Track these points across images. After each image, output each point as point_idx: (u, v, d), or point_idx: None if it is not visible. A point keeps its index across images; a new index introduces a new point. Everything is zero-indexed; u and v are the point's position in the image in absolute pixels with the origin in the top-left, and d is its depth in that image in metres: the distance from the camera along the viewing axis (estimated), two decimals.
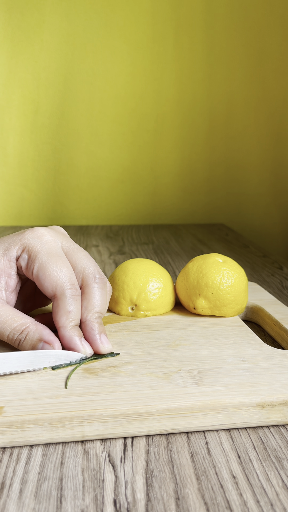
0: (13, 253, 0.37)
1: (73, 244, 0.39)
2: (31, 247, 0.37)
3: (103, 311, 0.38)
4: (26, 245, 0.37)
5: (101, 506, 0.25)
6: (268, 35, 1.13)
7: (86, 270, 0.38)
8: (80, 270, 0.38)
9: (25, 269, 0.37)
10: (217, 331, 0.42)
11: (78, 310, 0.36)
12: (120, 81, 1.12)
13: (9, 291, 0.38)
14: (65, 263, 0.37)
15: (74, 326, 0.36)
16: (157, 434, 0.31)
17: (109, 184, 1.17)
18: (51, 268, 0.36)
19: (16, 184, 1.13)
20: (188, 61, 1.12)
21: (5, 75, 1.08)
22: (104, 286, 0.38)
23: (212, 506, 0.25)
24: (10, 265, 0.37)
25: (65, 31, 1.08)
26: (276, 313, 0.47)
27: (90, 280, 0.37)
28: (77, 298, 0.36)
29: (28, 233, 0.38)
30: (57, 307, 0.36)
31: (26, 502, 0.25)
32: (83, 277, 0.38)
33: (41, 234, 0.38)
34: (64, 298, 0.36)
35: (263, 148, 1.19)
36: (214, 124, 1.17)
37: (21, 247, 0.37)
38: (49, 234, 0.38)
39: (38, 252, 0.36)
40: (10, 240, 0.38)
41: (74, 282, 0.36)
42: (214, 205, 1.21)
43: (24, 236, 0.37)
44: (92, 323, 0.37)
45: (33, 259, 0.36)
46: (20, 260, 0.37)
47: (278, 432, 0.31)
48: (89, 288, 0.37)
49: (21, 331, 0.35)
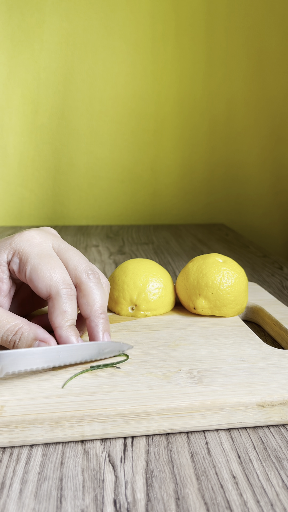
0: (3, 257, 0.37)
1: (63, 243, 0.39)
2: (21, 250, 0.37)
3: (105, 304, 0.38)
4: (16, 249, 0.37)
5: (101, 506, 0.25)
6: (268, 35, 1.13)
7: (78, 268, 0.37)
8: (72, 268, 0.38)
9: (17, 273, 0.37)
10: (217, 331, 0.42)
11: (74, 310, 0.36)
12: (120, 81, 1.12)
13: (2, 296, 0.38)
14: (57, 263, 0.37)
15: (71, 325, 0.36)
16: (157, 434, 0.31)
17: (109, 184, 1.17)
18: (44, 269, 0.36)
19: (16, 184, 1.13)
20: (188, 61, 1.12)
21: (5, 75, 1.08)
22: (99, 281, 0.38)
23: (212, 506, 0.25)
24: (2, 269, 0.37)
25: (65, 31, 1.08)
26: (276, 313, 0.47)
27: (83, 276, 0.37)
28: (72, 297, 0.36)
29: (17, 237, 0.38)
30: (52, 307, 0.36)
31: (26, 502, 0.25)
32: (76, 275, 0.37)
33: (30, 237, 0.38)
34: (59, 298, 0.35)
35: (263, 148, 1.19)
36: (214, 124, 1.17)
37: (11, 251, 0.37)
38: (39, 235, 0.38)
39: (29, 255, 0.36)
40: (0, 245, 0.37)
41: (69, 281, 0.36)
42: (214, 205, 1.21)
43: (13, 240, 0.37)
44: (97, 319, 0.37)
45: (24, 262, 0.36)
46: (11, 264, 0.37)
47: (278, 432, 0.31)
48: (84, 285, 0.37)
49: (14, 332, 0.34)
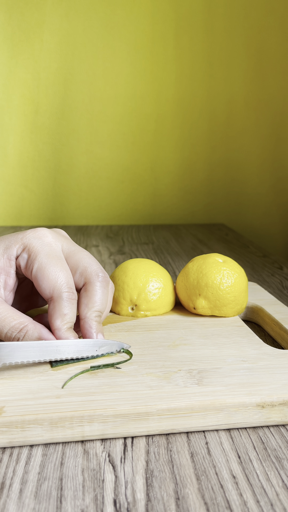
0: (13, 251, 0.37)
1: (74, 245, 0.39)
2: (32, 247, 0.37)
3: (103, 309, 0.38)
4: (27, 245, 0.37)
5: (101, 506, 0.25)
6: (268, 35, 1.13)
7: (88, 269, 0.38)
8: (82, 269, 0.38)
9: (24, 269, 0.37)
10: (217, 331, 0.42)
11: (73, 313, 0.36)
12: (120, 81, 1.12)
13: (8, 290, 0.38)
14: (64, 266, 0.37)
15: (69, 328, 0.36)
16: (157, 434, 0.31)
17: (109, 184, 1.17)
18: (50, 270, 0.36)
19: (16, 184, 1.13)
20: (188, 61, 1.12)
21: (5, 75, 1.08)
22: (107, 285, 0.38)
23: (212, 506, 0.25)
24: (10, 263, 0.37)
25: (65, 31, 1.08)
26: (276, 313, 0.47)
27: (93, 278, 0.38)
28: (73, 301, 0.36)
29: (30, 232, 0.38)
30: (53, 309, 0.36)
31: (26, 502, 0.25)
32: (86, 276, 0.38)
33: (42, 235, 0.38)
34: (60, 301, 0.36)
35: (263, 148, 1.19)
36: (214, 124, 1.17)
37: (22, 246, 0.37)
38: (51, 235, 0.38)
39: (39, 253, 0.36)
40: (11, 238, 0.38)
41: (72, 285, 0.37)
42: (214, 205, 1.21)
43: (25, 236, 0.37)
44: (90, 321, 0.37)
45: (32, 259, 0.36)
46: (19, 259, 0.37)
47: (278, 432, 0.31)
48: (91, 286, 0.37)
49: (19, 329, 0.35)
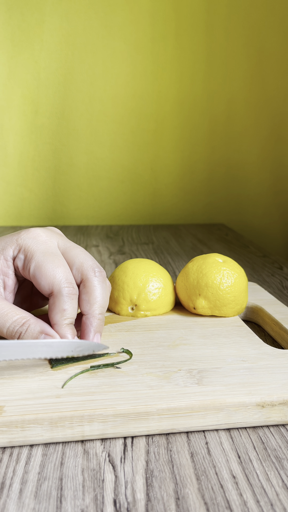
0: (9, 252, 0.37)
1: (69, 242, 0.40)
2: (27, 247, 0.37)
3: (105, 304, 0.38)
4: (22, 245, 0.37)
5: (101, 506, 0.25)
6: (268, 35, 1.13)
7: (84, 265, 0.38)
8: (78, 265, 0.38)
9: (22, 269, 0.37)
10: (217, 331, 0.42)
11: (74, 309, 0.36)
12: (120, 81, 1.12)
13: (8, 291, 0.38)
14: (61, 262, 0.37)
15: (69, 324, 0.36)
16: (157, 434, 0.31)
17: (109, 184, 1.17)
18: (48, 266, 0.36)
19: (16, 184, 1.13)
20: (188, 61, 1.12)
21: (5, 75, 1.08)
22: (104, 280, 0.38)
23: (212, 506, 0.25)
24: (7, 264, 0.37)
25: (65, 31, 1.08)
26: (276, 313, 0.47)
27: (90, 274, 0.38)
28: (73, 296, 0.36)
29: (24, 233, 0.38)
30: (53, 304, 0.36)
31: (26, 502, 0.25)
32: (82, 272, 0.38)
33: (36, 234, 0.38)
34: (60, 296, 0.36)
35: (263, 148, 1.19)
36: (214, 124, 1.17)
37: (17, 247, 0.37)
38: (45, 234, 0.38)
39: (34, 252, 0.37)
40: (6, 240, 0.38)
41: (71, 280, 0.37)
42: (214, 205, 1.21)
43: (20, 237, 0.38)
44: (93, 318, 0.37)
45: (29, 259, 0.36)
46: (16, 261, 0.37)
47: (278, 432, 0.31)
48: (89, 282, 0.37)
49: (22, 323, 0.35)
